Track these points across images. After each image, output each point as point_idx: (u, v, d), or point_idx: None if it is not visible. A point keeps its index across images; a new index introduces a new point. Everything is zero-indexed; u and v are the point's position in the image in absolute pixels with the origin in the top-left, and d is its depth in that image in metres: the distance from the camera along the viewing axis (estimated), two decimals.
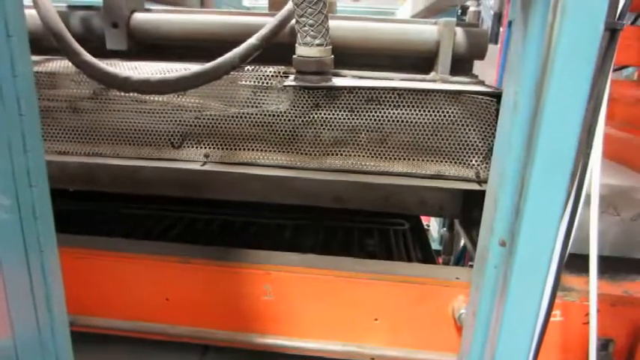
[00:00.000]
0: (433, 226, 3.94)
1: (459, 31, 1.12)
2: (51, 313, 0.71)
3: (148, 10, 1.18)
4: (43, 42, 1.03)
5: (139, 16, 1.14)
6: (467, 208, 1.34)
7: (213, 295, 1.21)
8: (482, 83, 1.13)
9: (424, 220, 2.20)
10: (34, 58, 1.12)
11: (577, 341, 1.11)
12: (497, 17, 3.60)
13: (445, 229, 3.22)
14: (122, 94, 1.11)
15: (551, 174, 0.67)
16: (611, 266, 1.19)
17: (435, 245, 2.99)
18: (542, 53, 0.65)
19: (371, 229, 1.85)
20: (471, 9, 4.02)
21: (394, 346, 1.19)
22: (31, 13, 0.98)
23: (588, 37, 0.58)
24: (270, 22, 1.01)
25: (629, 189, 1.24)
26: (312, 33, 0.99)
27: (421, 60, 1.16)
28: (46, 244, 0.69)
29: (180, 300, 1.22)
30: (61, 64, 1.12)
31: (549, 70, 0.61)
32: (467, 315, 0.98)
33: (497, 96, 1.01)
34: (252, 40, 0.99)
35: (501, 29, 3.45)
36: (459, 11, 3.59)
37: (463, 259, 2.90)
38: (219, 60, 0.98)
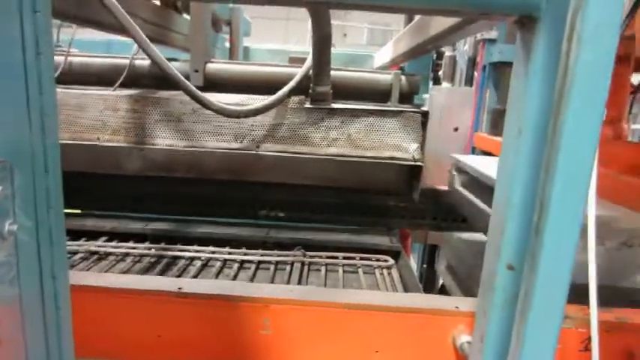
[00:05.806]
0: (412, 263, 3.93)
1: (404, 78, 1.74)
2: (60, 341, 0.67)
3: (213, 62, 1.78)
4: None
5: (210, 66, 1.76)
6: (408, 182, 1.96)
7: (209, 331, 1.17)
8: (417, 107, 1.72)
9: None
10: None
11: None
12: (472, 62, 3.83)
13: (425, 266, 3.22)
14: (207, 111, 1.58)
15: (567, 213, 0.70)
16: (599, 294, 1.23)
17: None
18: (554, 80, 0.69)
19: (355, 265, 1.86)
20: (447, 54, 4.21)
21: None
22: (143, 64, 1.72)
23: (602, 66, 0.62)
24: (299, 73, 1.63)
25: (610, 219, 1.30)
26: (323, 78, 1.60)
27: (381, 95, 1.77)
28: (59, 270, 0.66)
29: (173, 336, 1.18)
30: (170, 93, 1.69)
31: (565, 101, 0.65)
32: (474, 340, 0.99)
33: (421, 113, 1.67)
34: (292, 83, 1.61)
35: (475, 73, 3.65)
36: (435, 56, 3.76)
37: None
38: (279, 94, 1.58)
